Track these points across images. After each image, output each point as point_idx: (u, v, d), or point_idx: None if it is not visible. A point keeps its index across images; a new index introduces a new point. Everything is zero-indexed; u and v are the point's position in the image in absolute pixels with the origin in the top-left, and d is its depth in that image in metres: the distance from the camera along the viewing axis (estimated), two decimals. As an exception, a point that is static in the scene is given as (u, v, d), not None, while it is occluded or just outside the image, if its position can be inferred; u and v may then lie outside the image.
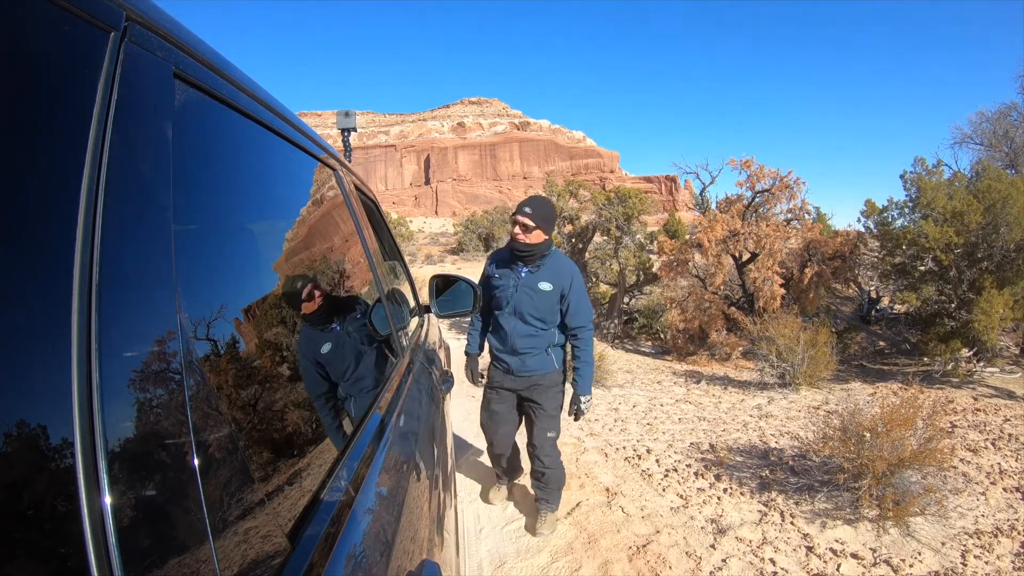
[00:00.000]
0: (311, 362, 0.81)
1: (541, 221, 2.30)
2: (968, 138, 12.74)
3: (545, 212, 2.34)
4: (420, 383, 1.37)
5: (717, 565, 2.40)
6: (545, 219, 2.32)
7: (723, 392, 5.94)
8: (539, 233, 2.32)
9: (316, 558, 0.51)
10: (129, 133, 0.39)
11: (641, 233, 12.27)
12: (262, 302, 0.68)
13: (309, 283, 0.86)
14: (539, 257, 2.38)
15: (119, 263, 0.35)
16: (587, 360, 2.45)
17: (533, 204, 2.34)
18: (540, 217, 2.30)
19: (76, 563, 0.28)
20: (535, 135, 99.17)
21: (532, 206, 2.32)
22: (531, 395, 2.55)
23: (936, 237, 7.08)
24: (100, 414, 0.31)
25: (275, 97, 0.85)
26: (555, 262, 2.41)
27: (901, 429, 2.81)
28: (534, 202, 2.36)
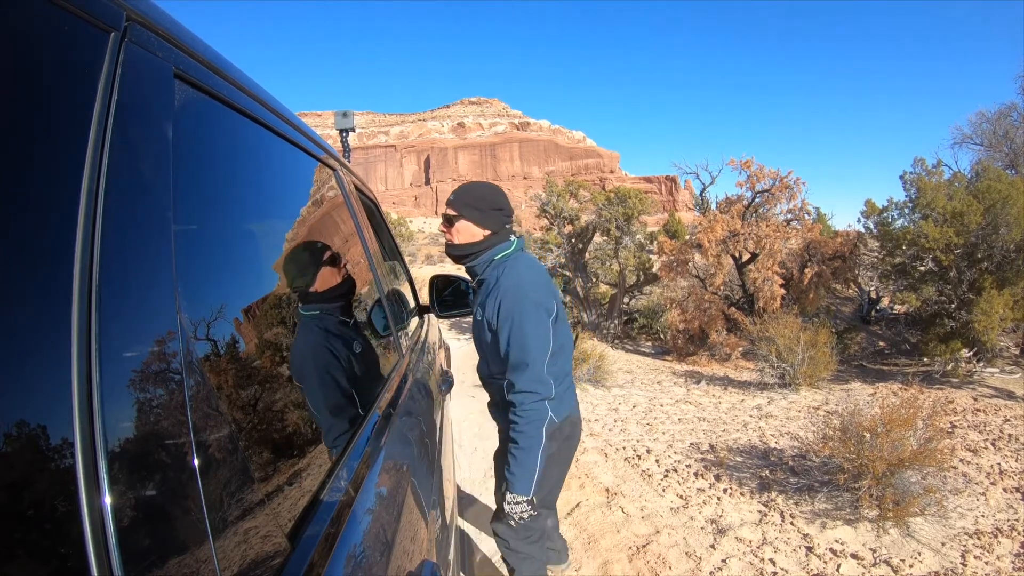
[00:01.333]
0: (312, 362, 0.81)
1: (464, 207, 1.57)
2: (968, 138, 12.74)
3: (472, 196, 1.59)
4: (420, 383, 1.37)
5: (717, 565, 2.40)
6: (471, 204, 1.58)
7: (723, 392, 5.94)
8: (466, 226, 1.58)
9: (316, 558, 0.51)
10: (129, 133, 0.39)
11: (641, 233, 12.28)
12: (262, 302, 0.68)
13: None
14: (481, 265, 1.60)
15: (119, 263, 0.35)
16: (525, 445, 1.47)
17: (457, 190, 1.63)
18: (462, 203, 1.58)
19: (76, 563, 0.28)
20: (535, 135, 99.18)
21: (456, 192, 1.62)
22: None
23: (936, 237, 7.08)
24: (100, 414, 0.31)
25: (275, 97, 0.85)
26: (498, 272, 1.56)
27: (901, 429, 2.81)
28: (460, 187, 1.64)
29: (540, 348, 1.46)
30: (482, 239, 1.59)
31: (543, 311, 1.49)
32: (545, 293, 1.52)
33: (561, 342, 1.60)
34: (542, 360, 1.47)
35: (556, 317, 1.57)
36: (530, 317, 1.46)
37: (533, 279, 1.52)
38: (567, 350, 1.67)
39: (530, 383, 1.46)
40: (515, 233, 1.67)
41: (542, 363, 1.46)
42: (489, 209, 1.59)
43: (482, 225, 1.58)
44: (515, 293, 1.48)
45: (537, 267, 1.60)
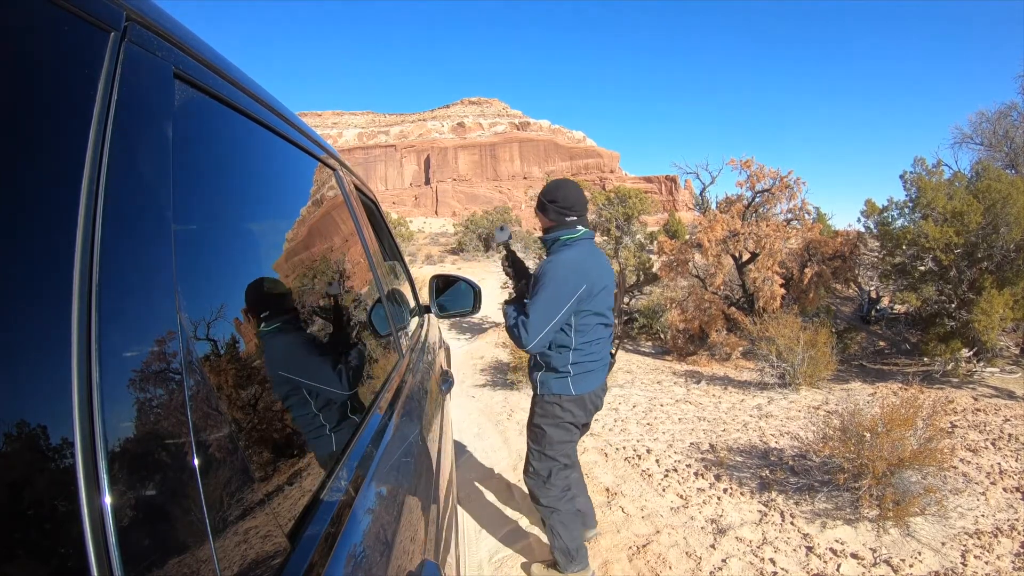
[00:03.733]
0: (312, 362, 0.81)
1: (538, 203, 2.05)
2: (968, 138, 12.74)
3: (543, 193, 2.04)
4: (420, 383, 1.37)
5: (717, 565, 2.40)
6: (541, 199, 2.03)
7: (723, 392, 5.94)
8: (540, 217, 2.06)
9: (316, 558, 0.51)
10: (129, 133, 0.39)
11: (641, 233, 12.27)
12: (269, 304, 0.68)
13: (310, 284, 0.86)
14: (549, 242, 2.04)
15: (119, 263, 0.35)
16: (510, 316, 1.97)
17: (542, 189, 2.08)
18: (538, 197, 2.06)
19: (76, 563, 0.28)
20: (535, 135, 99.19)
21: (542, 190, 2.07)
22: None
23: (936, 237, 7.08)
24: (100, 414, 0.31)
25: (275, 97, 0.85)
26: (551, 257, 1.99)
27: (901, 429, 2.80)
28: (544, 187, 2.09)
29: (543, 311, 1.87)
30: (547, 227, 2.05)
31: (565, 287, 1.88)
32: (577, 275, 1.89)
33: (585, 323, 1.97)
34: (540, 319, 1.87)
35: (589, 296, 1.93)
36: (547, 287, 1.87)
37: (571, 262, 1.91)
38: (597, 332, 2.02)
39: (523, 325, 1.89)
40: (583, 225, 2.05)
41: (539, 321, 1.87)
42: (547, 203, 2.02)
43: (546, 216, 2.03)
44: (551, 266, 1.90)
45: (586, 254, 1.97)
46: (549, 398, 2.04)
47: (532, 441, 2.15)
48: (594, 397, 2.08)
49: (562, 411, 2.04)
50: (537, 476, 2.14)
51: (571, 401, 2.03)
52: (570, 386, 2.02)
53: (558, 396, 2.03)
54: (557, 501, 2.14)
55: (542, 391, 2.06)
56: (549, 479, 2.12)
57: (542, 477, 2.13)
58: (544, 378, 2.05)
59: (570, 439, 2.13)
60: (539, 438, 2.11)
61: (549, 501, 2.13)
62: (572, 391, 2.02)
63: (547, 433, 2.07)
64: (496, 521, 2.84)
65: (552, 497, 2.13)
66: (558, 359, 2.01)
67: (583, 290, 1.90)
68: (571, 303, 1.89)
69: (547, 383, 2.04)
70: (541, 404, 2.09)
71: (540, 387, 2.07)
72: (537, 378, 2.09)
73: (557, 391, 2.02)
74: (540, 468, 2.13)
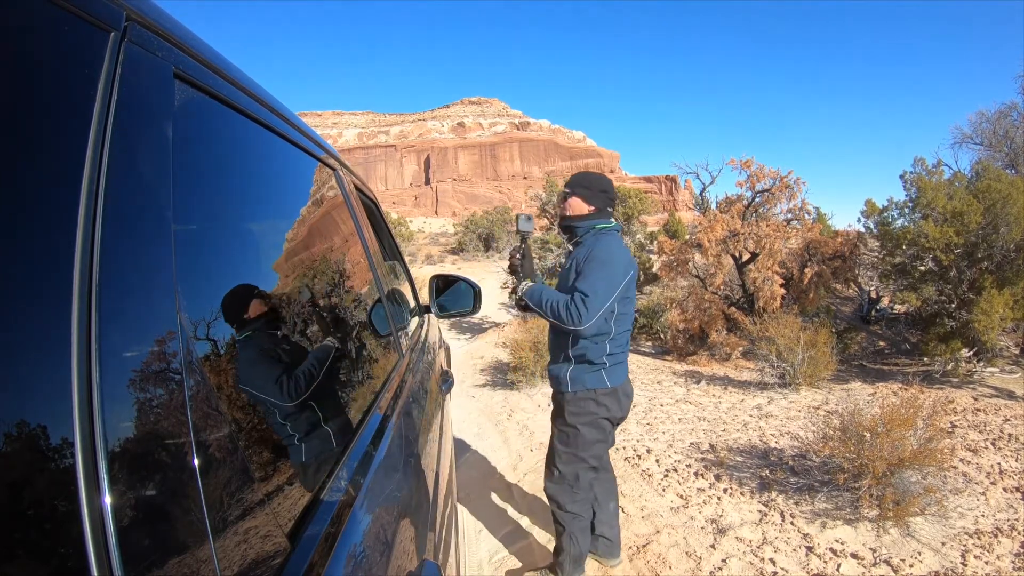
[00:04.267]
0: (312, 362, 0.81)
1: (578, 187, 1.99)
2: (968, 138, 12.73)
3: (586, 179, 2.03)
4: (420, 383, 1.36)
5: (717, 565, 2.40)
6: (584, 185, 1.99)
7: (723, 392, 5.94)
8: (577, 202, 1.98)
9: (316, 558, 0.51)
10: (129, 133, 0.39)
11: (641, 233, 12.28)
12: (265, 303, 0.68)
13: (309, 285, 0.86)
14: (583, 230, 1.99)
15: (119, 263, 0.35)
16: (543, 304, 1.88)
17: (574, 175, 2.07)
18: (577, 183, 2.01)
19: (76, 563, 0.28)
20: (535, 135, 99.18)
21: (573, 176, 2.06)
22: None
23: (936, 237, 7.08)
24: (100, 414, 0.31)
25: (275, 97, 0.85)
26: (596, 239, 1.94)
27: (901, 429, 2.80)
28: (576, 173, 2.09)
29: (603, 289, 1.82)
30: (587, 213, 1.99)
31: (619, 269, 1.87)
32: (624, 268, 1.88)
33: (624, 311, 1.95)
34: (600, 296, 1.81)
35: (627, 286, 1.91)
36: (606, 266, 1.84)
37: (620, 255, 1.90)
38: (629, 321, 1.99)
39: (581, 302, 1.79)
40: (615, 219, 2.06)
41: (599, 298, 1.80)
42: (597, 191, 1.99)
43: (589, 202, 1.98)
44: (606, 255, 1.87)
45: (625, 248, 1.95)
46: (583, 394, 1.94)
47: (561, 443, 2.01)
48: (627, 387, 2.02)
49: (597, 406, 1.94)
50: (563, 480, 2.01)
51: (607, 395, 1.94)
52: (605, 378, 1.93)
53: (593, 391, 1.93)
54: (583, 507, 2.02)
55: (574, 388, 1.95)
56: (577, 482, 2.00)
57: (568, 481, 2.00)
58: (576, 373, 1.95)
59: (603, 438, 2.02)
60: (571, 439, 1.98)
61: (575, 507, 2.01)
62: (608, 384, 1.94)
63: (581, 433, 1.95)
64: (496, 521, 2.84)
65: (579, 502, 2.01)
66: (595, 350, 1.92)
67: (631, 276, 1.89)
68: (622, 287, 1.86)
69: (580, 378, 1.94)
70: (574, 402, 1.96)
71: (571, 384, 1.95)
72: (566, 374, 1.96)
73: (592, 385, 1.93)
74: (567, 472, 2.00)
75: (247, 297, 0.64)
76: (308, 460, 0.66)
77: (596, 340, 1.91)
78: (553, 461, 2.04)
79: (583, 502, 2.03)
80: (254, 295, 0.67)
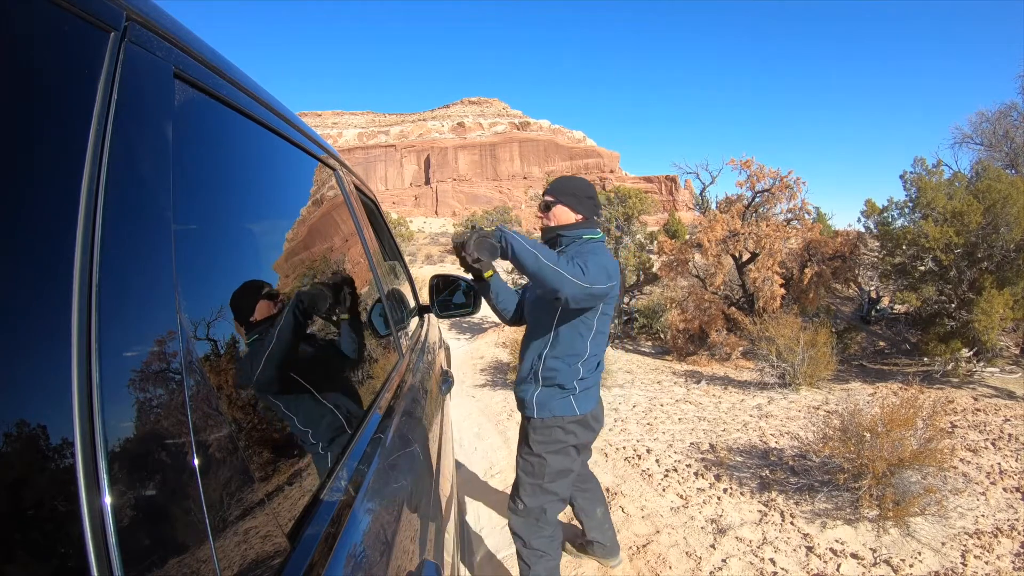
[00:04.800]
0: (312, 362, 0.81)
1: (564, 195, 1.81)
2: (968, 138, 12.74)
3: (571, 186, 1.83)
4: (420, 383, 1.36)
5: (717, 565, 2.40)
6: (570, 192, 1.81)
7: (723, 392, 5.94)
8: (564, 211, 1.81)
9: (316, 558, 0.51)
10: (129, 133, 0.39)
11: (641, 233, 12.27)
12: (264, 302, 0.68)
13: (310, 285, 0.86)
14: (567, 242, 1.81)
15: (119, 263, 0.35)
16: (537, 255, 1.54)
17: (556, 181, 1.86)
18: (563, 190, 1.82)
19: (76, 563, 0.28)
20: (535, 135, 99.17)
21: (555, 182, 1.86)
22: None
23: (936, 237, 7.08)
24: (100, 414, 0.31)
25: (275, 97, 0.85)
26: (584, 250, 1.75)
27: (901, 429, 2.80)
28: (558, 179, 1.87)
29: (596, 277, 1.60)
30: (575, 222, 1.82)
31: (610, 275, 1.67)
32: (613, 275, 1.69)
33: (601, 329, 1.79)
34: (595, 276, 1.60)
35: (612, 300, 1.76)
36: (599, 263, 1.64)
37: (610, 263, 1.72)
38: (604, 342, 1.82)
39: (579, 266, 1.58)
40: (601, 226, 1.91)
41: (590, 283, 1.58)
42: (584, 198, 1.83)
43: (577, 210, 1.82)
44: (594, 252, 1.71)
45: (614, 260, 1.79)
46: (550, 421, 1.78)
47: (526, 474, 1.83)
48: (597, 414, 1.87)
49: (565, 434, 1.78)
50: (528, 514, 1.82)
51: (575, 422, 1.78)
52: (574, 405, 1.77)
53: (560, 418, 1.77)
54: (550, 544, 1.84)
55: (540, 413, 1.78)
56: (544, 516, 1.82)
57: (534, 515, 1.81)
58: (543, 397, 1.78)
59: (571, 468, 1.85)
60: (536, 469, 1.80)
61: (541, 544, 1.82)
62: (576, 411, 1.77)
63: (547, 462, 1.79)
64: (496, 521, 2.84)
65: (546, 538, 1.83)
66: (567, 374, 1.76)
67: (615, 289, 1.72)
68: (609, 289, 1.68)
69: (547, 404, 1.77)
70: (541, 429, 1.79)
71: (537, 409, 1.78)
72: (532, 397, 1.79)
73: (560, 412, 1.77)
74: (533, 505, 1.81)
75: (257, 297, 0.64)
76: (308, 460, 0.66)
77: (569, 361, 1.76)
78: (518, 493, 1.86)
79: (550, 539, 1.84)
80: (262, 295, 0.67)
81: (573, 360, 1.76)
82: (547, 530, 1.83)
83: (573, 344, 1.74)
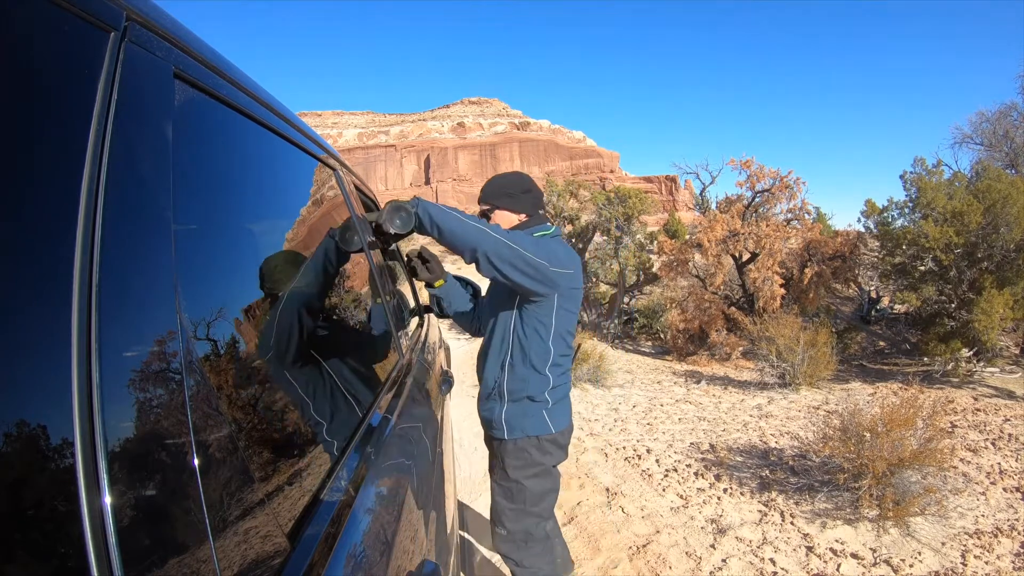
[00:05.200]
0: (311, 361, 0.81)
1: (498, 197, 1.62)
2: (968, 138, 12.75)
3: (503, 185, 1.64)
4: (420, 383, 1.36)
5: (717, 565, 2.40)
6: (504, 193, 1.63)
7: (723, 392, 5.94)
8: (504, 215, 1.63)
9: (316, 558, 0.51)
10: (129, 133, 0.39)
11: (641, 233, 12.28)
12: (262, 302, 0.68)
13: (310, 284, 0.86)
14: None
15: (119, 263, 0.35)
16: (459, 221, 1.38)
17: (486, 185, 1.67)
18: (495, 192, 1.63)
19: (76, 563, 0.28)
20: (535, 135, 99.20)
21: (485, 186, 1.67)
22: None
23: (936, 237, 7.08)
24: (100, 414, 0.31)
25: (275, 97, 0.85)
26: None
27: (901, 429, 2.81)
28: (488, 182, 1.68)
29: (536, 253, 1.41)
30: (519, 223, 1.62)
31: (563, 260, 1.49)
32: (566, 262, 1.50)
33: (567, 328, 1.59)
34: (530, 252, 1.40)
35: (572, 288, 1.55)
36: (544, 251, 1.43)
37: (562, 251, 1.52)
38: (570, 342, 1.63)
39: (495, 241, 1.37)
40: (550, 221, 1.68)
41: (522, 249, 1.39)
42: (520, 193, 1.63)
43: (517, 210, 1.62)
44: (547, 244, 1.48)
45: (574, 254, 1.59)
46: (523, 442, 1.59)
47: (505, 499, 1.66)
48: (568, 433, 1.68)
49: (541, 454, 1.60)
50: (513, 538, 1.68)
51: (550, 441, 1.59)
52: (547, 421, 1.58)
53: (535, 439, 1.58)
54: (543, 559, 1.71)
55: (511, 434, 1.59)
56: (531, 537, 1.68)
57: (520, 537, 1.68)
58: (512, 415, 1.59)
59: (554, 487, 1.68)
60: (516, 495, 1.63)
61: (534, 561, 1.69)
62: (551, 428, 1.58)
63: (527, 488, 1.61)
64: (496, 521, 2.84)
65: (538, 555, 1.69)
66: (536, 383, 1.57)
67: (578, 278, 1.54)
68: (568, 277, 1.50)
69: (518, 424, 1.58)
70: (514, 453, 1.60)
71: (508, 429, 1.59)
72: (500, 417, 1.60)
73: (533, 431, 1.58)
74: (516, 528, 1.66)
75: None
76: (308, 460, 0.66)
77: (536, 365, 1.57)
78: (499, 519, 1.69)
79: (542, 554, 1.71)
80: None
81: (540, 364, 1.57)
82: (536, 547, 1.69)
83: (534, 346, 1.56)
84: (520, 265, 1.38)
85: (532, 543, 1.68)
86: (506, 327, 1.59)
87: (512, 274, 1.39)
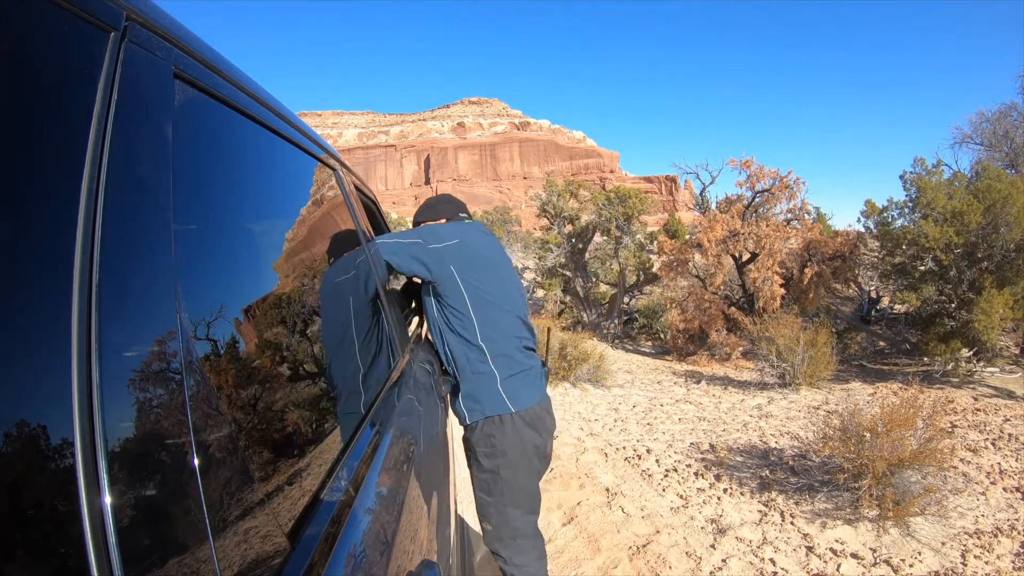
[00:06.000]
0: (311, 361, 0.81)
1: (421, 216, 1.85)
2: (968, 138, 12.74)
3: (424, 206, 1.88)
4: (420, 382, 1.36)
5: (717, 565, 2.40)
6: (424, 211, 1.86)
7: (723, 392, 5.94)
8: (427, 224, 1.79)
9: (316, 558, 0.51)
10: (129, 133, 0.39)
11: (641, 233, 12.28)
12: (262, 302, 0.68)
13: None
14: None
15: (119, 263, 0.35)
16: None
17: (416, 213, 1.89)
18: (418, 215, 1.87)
19: (76, 563, 0.28)
20: (535, 135, 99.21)
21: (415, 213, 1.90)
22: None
23: (936, 237, 7.08)
24: (100, 414, 0.31)
25: (275, 97, 0.85)
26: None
27: (901, 429, 2.81)
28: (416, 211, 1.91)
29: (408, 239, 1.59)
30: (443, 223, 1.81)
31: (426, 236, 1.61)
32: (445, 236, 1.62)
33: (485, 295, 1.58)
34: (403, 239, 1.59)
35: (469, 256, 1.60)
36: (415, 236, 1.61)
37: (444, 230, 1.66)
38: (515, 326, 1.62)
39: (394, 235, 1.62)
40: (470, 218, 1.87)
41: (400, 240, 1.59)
42: (437, 204, 1.87)
43: (437, 218, 1.83)
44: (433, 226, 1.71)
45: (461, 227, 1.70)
46: (485, 426, 1.55)
47: (484, 493, 1.61)
48: (542, 414, 1.61)
49: (508, 437, 1.55)
50: (499, 535, 1.62)
51: (513, 419, 1.55)
52: (504, 398, 1.54)
53: (497, 419, 1.55)
54: (531, 554, 1.64)
55: (471, 417, 1.56)
56: (517, 532, 1.62)
57: (507, 534, 1.62)
58: (466, 396, 1.58)
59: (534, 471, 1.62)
60: (493, 486, 1.58)
61: (523, 559, 1.63)
62: (511, 407, 1.54)
63: (502, 476, 1.56)
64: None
65: (524, 552, 1.63)
66: (473, 356, 1.56)
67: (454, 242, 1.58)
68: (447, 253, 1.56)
69: (475, 404, 1.56)
70: (479, 437, 1.57)
71: (468, 413, 1.57)
72: (459, 403, 1.60)
73: (491, 411, 1.54)
74: (500, 524, 1.60)
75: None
76: (308, 460, 0.66)
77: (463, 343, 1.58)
78: (483, 514, 1.65)
79: (531, 550, 1.65)
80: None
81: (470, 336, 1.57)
82: (525, 543, 1.64)
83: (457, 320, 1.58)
84: (400, 252, 1.57)
85: (520, 539, 1.62)
86: (431, 314, 1.68)
87: (398, 262, 1.57)
